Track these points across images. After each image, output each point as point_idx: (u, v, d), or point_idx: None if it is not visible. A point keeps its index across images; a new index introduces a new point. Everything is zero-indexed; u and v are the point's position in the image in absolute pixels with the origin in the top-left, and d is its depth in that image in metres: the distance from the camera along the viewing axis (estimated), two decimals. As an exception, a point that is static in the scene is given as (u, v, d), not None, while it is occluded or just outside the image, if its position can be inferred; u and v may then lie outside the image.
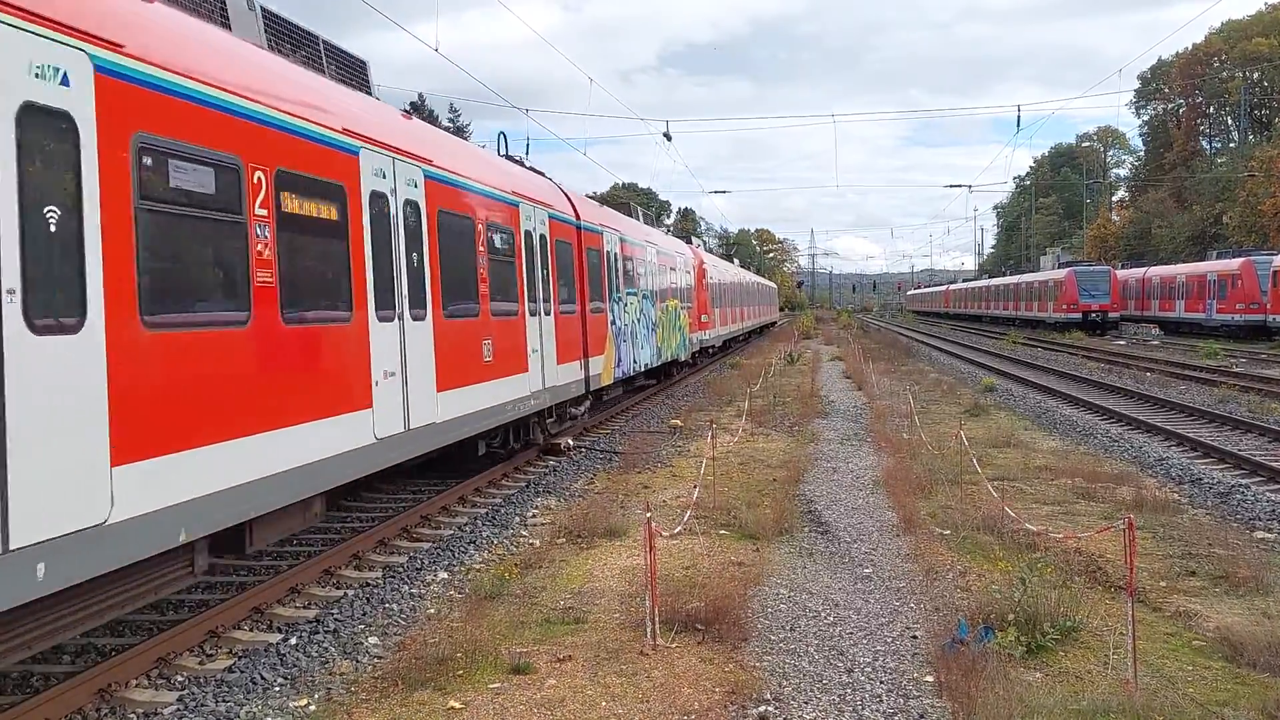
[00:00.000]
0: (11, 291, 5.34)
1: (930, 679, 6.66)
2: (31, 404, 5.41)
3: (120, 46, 6.27)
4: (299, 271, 8.33)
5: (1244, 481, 13.45)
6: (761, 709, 6.20)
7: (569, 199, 17.98)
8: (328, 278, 9.02)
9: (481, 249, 12.68)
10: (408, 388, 10.16)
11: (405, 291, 10.29)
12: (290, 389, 8.12)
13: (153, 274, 6.49)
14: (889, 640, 7.48)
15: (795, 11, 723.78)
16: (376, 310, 9.60)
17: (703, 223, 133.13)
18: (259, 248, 7.69)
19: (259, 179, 7.71)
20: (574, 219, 17.74)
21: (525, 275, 14.42)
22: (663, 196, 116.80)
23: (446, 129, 19.28)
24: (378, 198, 9.83)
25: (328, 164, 8.94)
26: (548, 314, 15.37)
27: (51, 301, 5.62)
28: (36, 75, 5.56)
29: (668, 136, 40.54)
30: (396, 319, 10.08)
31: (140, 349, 6.35)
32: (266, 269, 7.76)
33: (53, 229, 5.63)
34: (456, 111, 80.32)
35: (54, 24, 5.70)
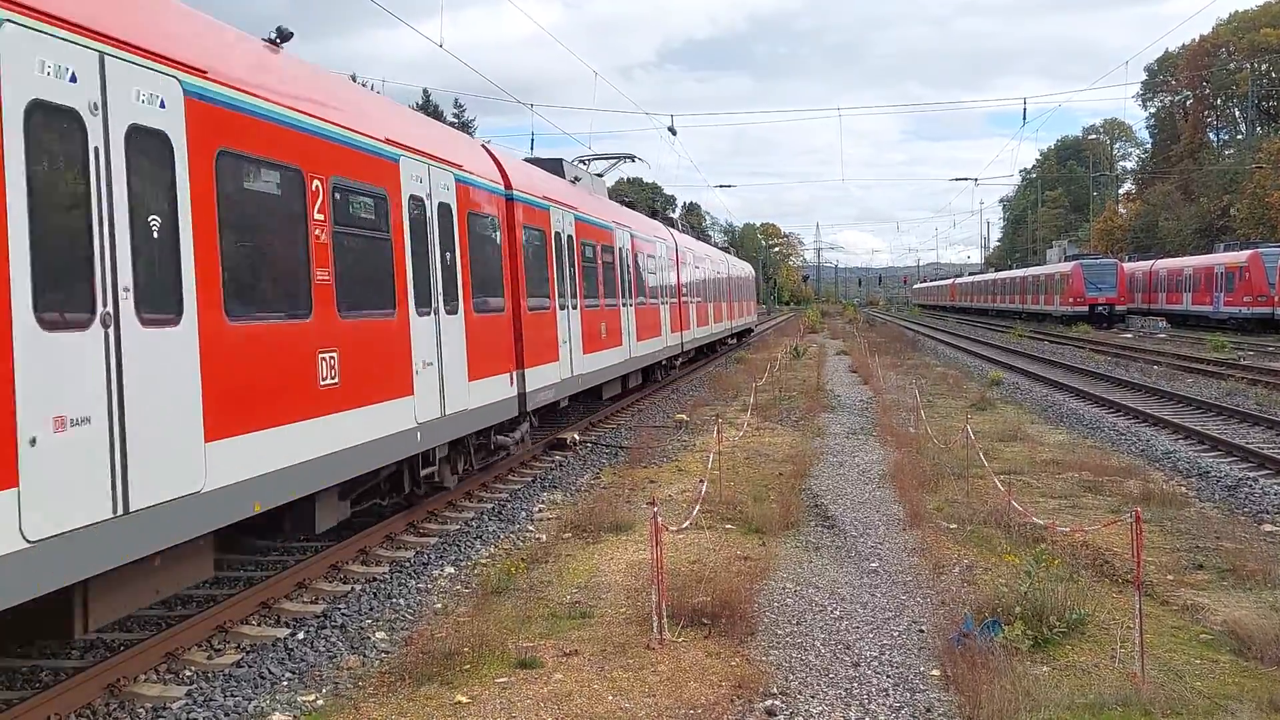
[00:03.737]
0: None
1: (937, 673, 6.66)
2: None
3: None
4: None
5: (1252, 474, 13.41)
6: (768, 703, 6.21)
7: None
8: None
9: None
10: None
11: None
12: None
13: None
14: (895, 634, 7.48)
15: (794, 7, 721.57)
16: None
17: (708, 217, 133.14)
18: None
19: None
20: None
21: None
22: (667, 190, 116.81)
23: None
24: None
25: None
26: None
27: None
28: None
29: (672, 131, 40.51)
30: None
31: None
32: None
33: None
34: (461, 107, 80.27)
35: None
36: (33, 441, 5.37)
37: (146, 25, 6.65)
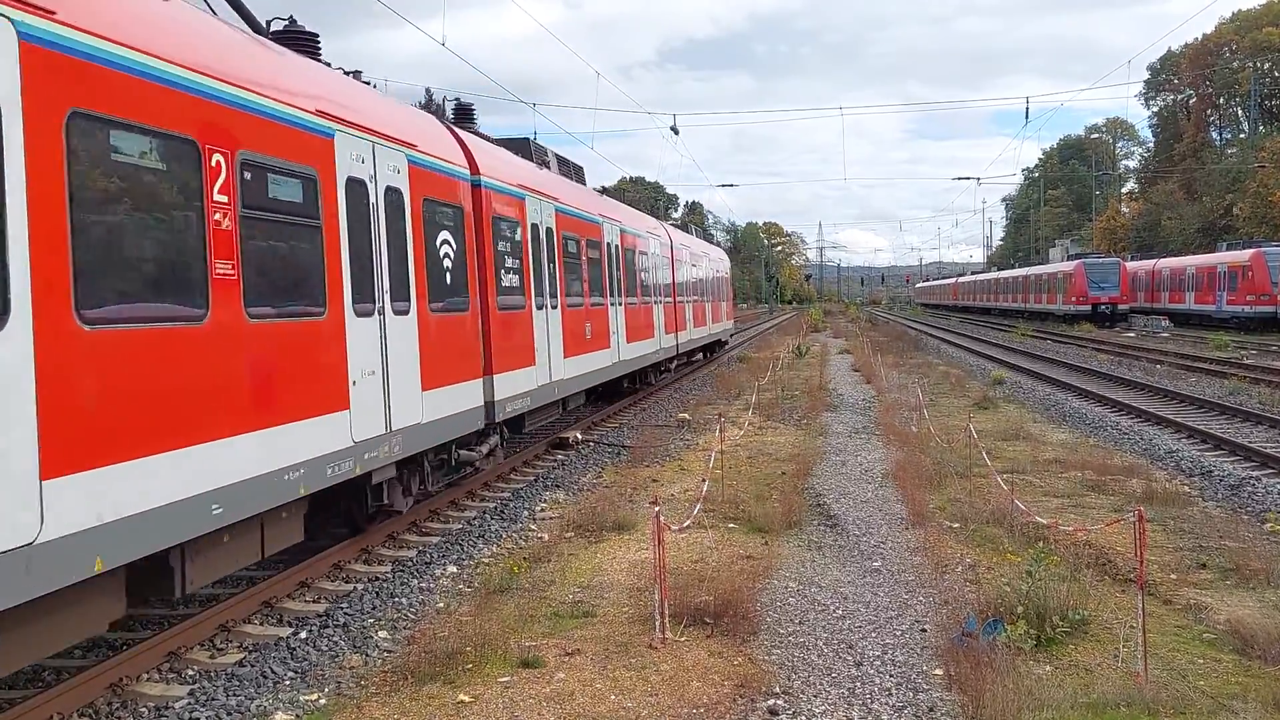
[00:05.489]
0: None
1: (940, 672, 6.65)
2: None
3: None
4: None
5: (1255, 474, 13.40)
6: (771, 702, 6.20)
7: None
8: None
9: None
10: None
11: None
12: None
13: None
14: (898, 633, 7.47)
15: (794, 7, 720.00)
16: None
17: (710, 216, 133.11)
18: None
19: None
20: None
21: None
22: (670, 190, 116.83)
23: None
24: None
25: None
26: None
27: None
28: None
29: (675, 130, 40.53)
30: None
31: None
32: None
33: None
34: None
35: None
36: None
37: None
